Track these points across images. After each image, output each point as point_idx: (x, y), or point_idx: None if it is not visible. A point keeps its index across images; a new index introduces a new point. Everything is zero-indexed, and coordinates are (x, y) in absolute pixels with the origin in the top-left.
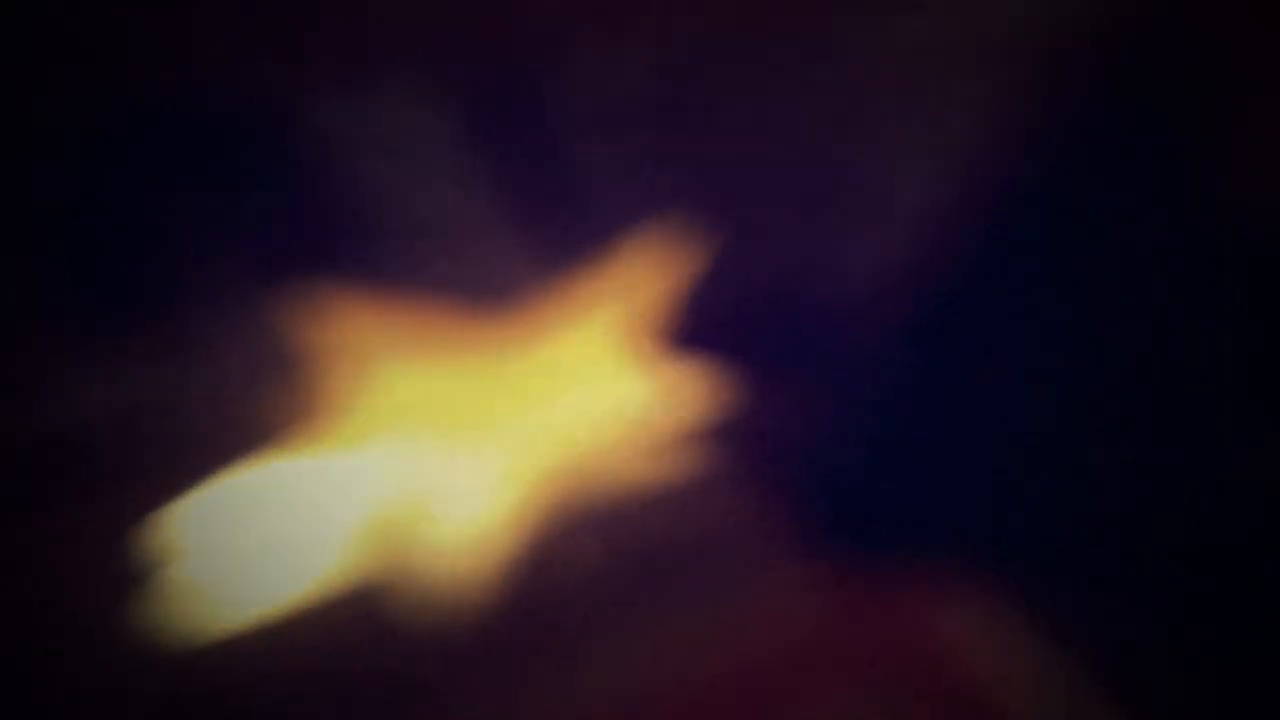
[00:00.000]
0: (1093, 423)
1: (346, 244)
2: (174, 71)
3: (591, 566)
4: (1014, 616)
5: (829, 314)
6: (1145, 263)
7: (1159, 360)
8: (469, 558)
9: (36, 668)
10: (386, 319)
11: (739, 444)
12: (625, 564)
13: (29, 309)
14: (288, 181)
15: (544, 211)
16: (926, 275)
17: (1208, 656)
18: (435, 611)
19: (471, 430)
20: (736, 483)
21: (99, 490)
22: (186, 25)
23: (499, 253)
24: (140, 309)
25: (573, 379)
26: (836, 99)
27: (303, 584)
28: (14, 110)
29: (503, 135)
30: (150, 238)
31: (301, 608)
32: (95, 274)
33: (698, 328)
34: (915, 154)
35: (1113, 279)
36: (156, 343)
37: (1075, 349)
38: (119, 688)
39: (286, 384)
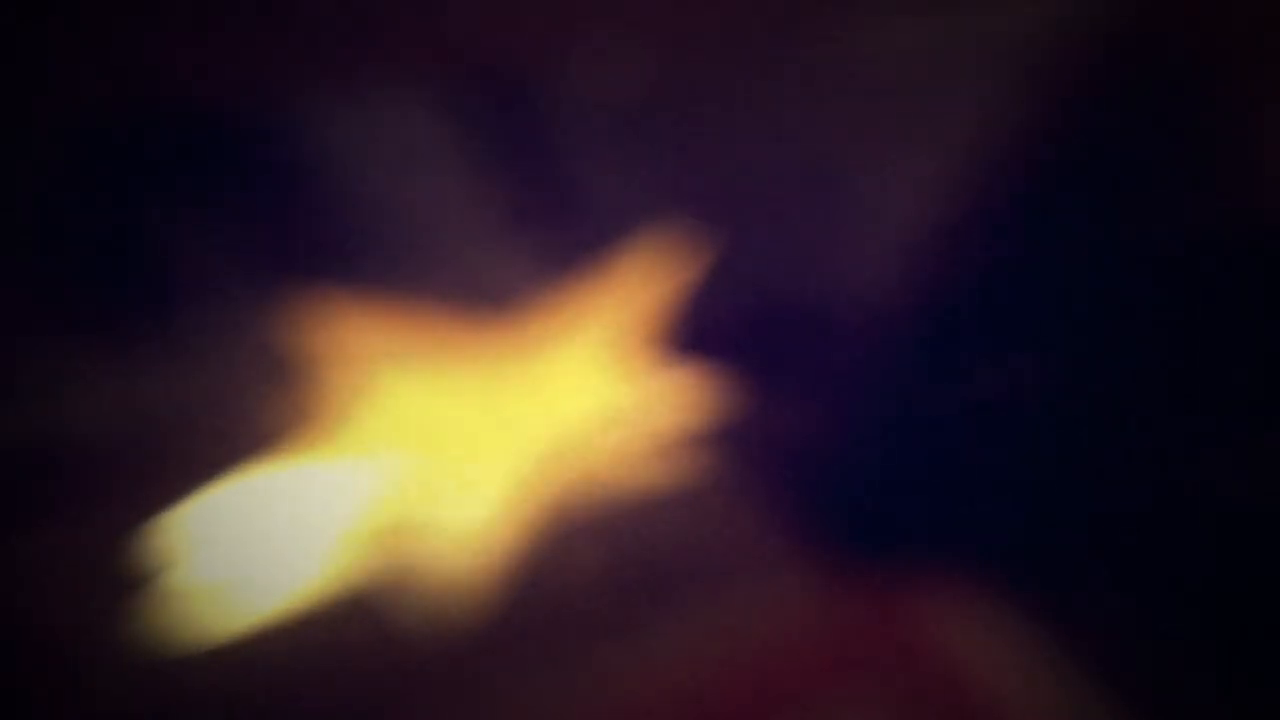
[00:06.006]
0: (1092, 425)
1: (346, 251)
2: (174, 76)
3: (590, 571)
4: (1014, 618)
5: (827, 319)
6: (1144, 267)
7: (1159, 363)
8: (468, 563)
9: (36, 672)
10: (385, 326)
11: (737, 449)
12: (624, 568)
13: (28, 315)
14: (287, 189)
15: (543, 218)
16: (925, 280)
17: (1207, 655)
18: (434, 616)
19: (470, 436)
20: (735, 487)
21: (99, 496)
22: (188, 29)
23: (498, 259)
24: (139, 316)
25: (572, 385)
26: (835, 105)
27: (302, 589)
28: (14, 112)
29: (501, 142)
30: (149, 244)
31: (301, 612)
32: (94, 280)
33: (696, 334)
34: (915, 158)
35: (1111, 283)
36: (156, 349)
37: (1075, 352)
38: (119, 692)
39: (285, 390)
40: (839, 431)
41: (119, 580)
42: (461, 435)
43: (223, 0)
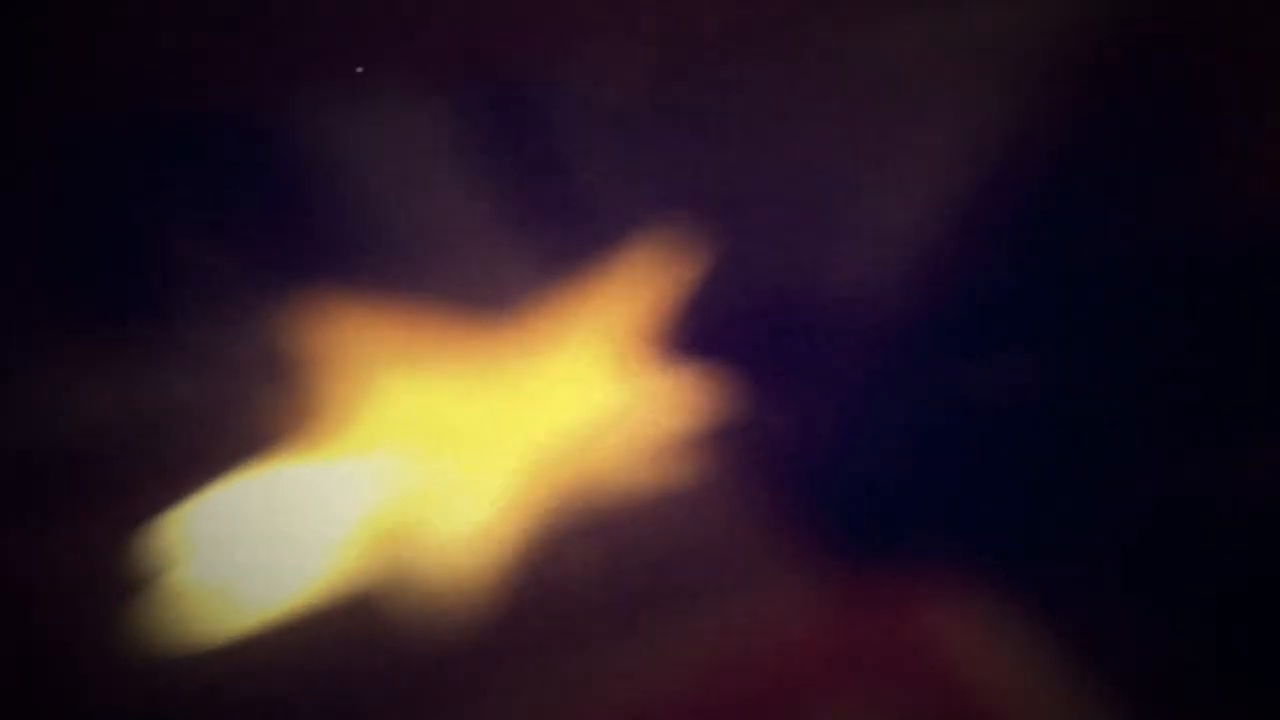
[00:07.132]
0: (1093, 425)
1: (345, 251)
2: (172, 75)
3: (591, 572)
4: (1014, 618)
5: (828, 320)
6: (1144, 267)
7: (1160, 363)
8: (468, 564)
9: (36, 674)
10: (384, 325)
11: (738, 450)
12: (624, 569)
13: (26, 316)
14: (285, 188)
15: (542, 218)
16: (925, 280)
17: (1207, 655)
18: (434, 617)
19: (470, 436)
20: (735, 489)
21: (98, 496)
22: (185, 29)
23: (497, 259)
24: (137, 315)
25: (571, 385)
26: (836, 104)
27: (302, 590)
28: (14, 112)
29: (500, 141)
30: (149, 244)
31: (301, 614)
32: (92, 280)
33: (697, 334)
34: (916, 160)
35: (1112, 283)
36: (153, 349)
37: (1075, 351)
38: (118, 692)
39: (285, 391)
40: (839, 432)
41: (119, 581)
42: (462, 436)
43: (222, 0)
